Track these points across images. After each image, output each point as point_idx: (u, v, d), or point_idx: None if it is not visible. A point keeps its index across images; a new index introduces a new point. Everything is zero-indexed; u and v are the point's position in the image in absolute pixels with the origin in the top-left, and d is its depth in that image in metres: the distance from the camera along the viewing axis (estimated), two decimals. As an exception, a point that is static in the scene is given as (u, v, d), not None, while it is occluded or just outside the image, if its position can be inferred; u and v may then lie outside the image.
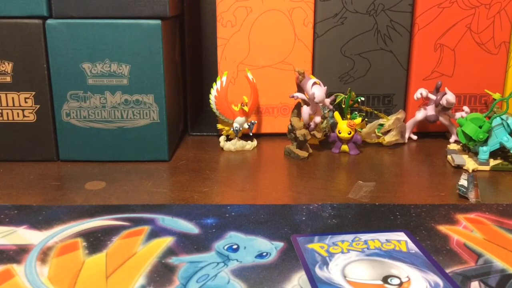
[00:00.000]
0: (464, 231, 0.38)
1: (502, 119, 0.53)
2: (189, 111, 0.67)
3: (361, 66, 0.64)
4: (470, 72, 0.63)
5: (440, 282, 0.31)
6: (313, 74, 0.63)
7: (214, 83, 0.59)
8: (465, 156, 0.55)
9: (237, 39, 0.62)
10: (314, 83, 0.56)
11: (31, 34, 0.51)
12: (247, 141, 0.60)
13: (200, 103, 0.68)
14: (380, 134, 0.62)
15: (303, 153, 0.57)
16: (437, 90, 0.62)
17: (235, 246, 0.36)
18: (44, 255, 0.35)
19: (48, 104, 0.53)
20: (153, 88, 0.53)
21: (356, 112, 0.63)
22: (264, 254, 0.35)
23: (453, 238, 0.37)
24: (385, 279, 0.31)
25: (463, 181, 0.47)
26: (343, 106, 0.60)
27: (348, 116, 0.60)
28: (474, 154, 0.55)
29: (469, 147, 0.56)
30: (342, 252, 0.35)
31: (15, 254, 0.35)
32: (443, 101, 0.60)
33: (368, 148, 0.61)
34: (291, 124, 0.58)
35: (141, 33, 0.51)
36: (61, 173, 0.52)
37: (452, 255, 0.35)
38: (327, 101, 0.57)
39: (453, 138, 0.62)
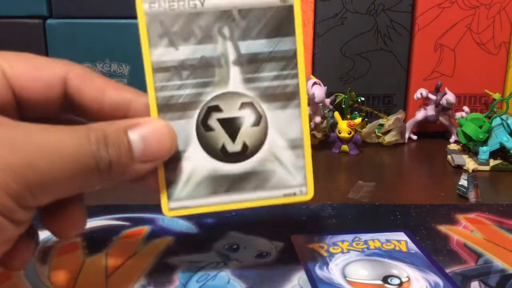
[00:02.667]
0: (464, 231, 0.38)
1: (502, 119, 0.53)
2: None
3: (361, 66, 0.64)
4: (470, 72, 0.63)
5: (440, 282, 0.31)
6: (313, 74, 0.63)
7: (214, 83, 0.59)
8: (465, 156, 0.55)
9: (237, 39, 0.62)
10: (314, 83, 0.56)
11: (31, 34, 0.51)
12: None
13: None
14: (380, 134, 0.62)
15: (303, 153, 0.57)
16: (437, 90, 0.62)
17: (235, 246, 0.36)
18: (44, 255, 0.35)
19: (48, 104, 0.53)
20: (153, 88, 0.53)
21: (356, 112, 0.63)
22: (264, 254, 0.35)
23: (453, 238, 0.37)
24: (385, 279, 0.31)
25: (463, 181, 0.47)
26: (343, 106, 0.60)
27: (348, 116, 0.60)
28: (474, 154, 0.55)
29: (469, 147, 0.56)
30: (342, 252, 0.35)
31: (15, 254, 0.35)
32: (443, 101, 0.60)
33: (368, 148, 0.61)
34: (291, 124, 0.58)
35: (141, 33, 0.51)
36: (61, 173, 0.52)
37: (452, 255, 0.35)
38: (327, 101, 0.57)
39: (453, 138, 0.62)
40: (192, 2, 0.26)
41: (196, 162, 0.27)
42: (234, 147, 0.27)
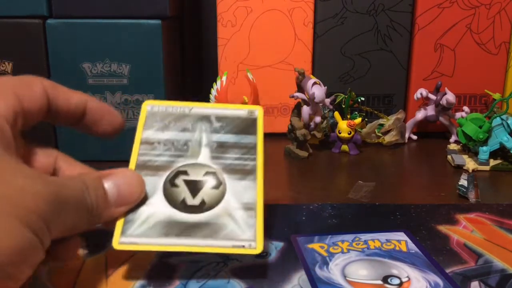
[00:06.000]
0: (464, 231, 0.38)
1: (502, 119, 0.53)
2: (189, 111, 0.67)
3: (361, 66, 0.64)
4: (470, 72, 0.63)
5: (440, 282, 0.31)
6: (313, 74, 0.63)
7: (214, 83, 0.59)
8: (465, 156, 0.55)
9: (237, 39, 0.62)
10: (314, 83, 0.56)
11: (31, 34, 0.51)
12: (247, 141, 0.60)
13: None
14: (380, 134, 0.62)
15: (303, 153, 0.57)
16: (437, 90, 0.62)
17: (235, 246, 0.36)
18: (44, 255, 0.35)
19: (48, 104, 0.53)
20: (153, 88, 0.53)
21: (356, 112, 0.63)
22: (264, 254, 0.35)
23: (453, 238, 0.37)
24: (385, 279, 0.31)
25: (463, 181, 0.47)
26: (343, 106, 0.61)
27: (348, 116, 0.61)
28: (474, 154, 0.55)
29: (469, 147, 0.56)
30: (342, 252, 0.35)
31: (15, 254, 0.35)
32: (443, 101, 0.60)
33: (368, 148, 0.61)
34: (291, 124, 0.58)
35: (141, 33, 0.51)
36: (61, 173, 0.52)
37: (452, 255, 0.35)
38: (327, 101, 0.57)
39: (453, 138, 0.62)
40: (181, 109, 0.35)
41: (156, 208, 0.30)
42: (193, 201, 0.31)
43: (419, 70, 0.63)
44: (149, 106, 0.35)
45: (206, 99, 0.60)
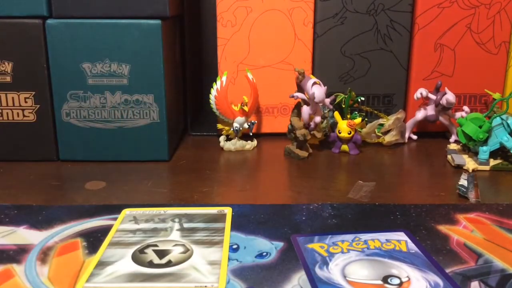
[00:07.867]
0: (464, 231, 0.38)
1: (502, 119, 0.53)
2: (189, 111, 0.67)
3: (361, 66, 0.64)
4: (470, 72, 0.63)
5: (440, 282, 0.31)
6: (313, 74, 0.63)
7: (214, 83, 0.59)
8: (465, 156, 0.55)
9: (237, 39, 0.62)
10: (314, 83, 0.56)
11: (31, 34, 0.51)
12: (247, 141, 0.60)
13: (200, 103, 0.68)
14: (380, 134, 0.62)
15: (303, 153, 0.57)
16: (437, 90, 0.62)
17: (235, 246, 0.36)
18: (44, 255, 0.35)
19: (48, 104, 0.53)
20: (153, 88, 0.53)
21: (356, 112, 0.63)
22: (264, 254, 0.35)
23: (453, 238, 0.37)
24: (385, 279, 0.31)
25: (463, 181, 0.47)
26: (343, 106, 0.60)
27: (348, 116, 0.60)
28: (474, 154, 0.55)
29: (469, 147, 0.56)
30: (342, 252, 0.35)
31: (15, 254, 0.35)
32: (443, 101, 0.60)
33: (368, 148, 0.61)
34: (291, 124, 0.58)
35: (141, 33, 0.51)
36: (61, 173, 0.52)
37: (452, 255, 0.35)
38: (327, 101, 0.57)
39: (453, 138, 0.62)
40: (157, 211, 0.41)
41: (123, 266, 0.33)
42: (160, 261, 0.34)
43: (419, 70, 0.63)
44: (128, 211, 0.41)
45: (206, 99, 0.60)
